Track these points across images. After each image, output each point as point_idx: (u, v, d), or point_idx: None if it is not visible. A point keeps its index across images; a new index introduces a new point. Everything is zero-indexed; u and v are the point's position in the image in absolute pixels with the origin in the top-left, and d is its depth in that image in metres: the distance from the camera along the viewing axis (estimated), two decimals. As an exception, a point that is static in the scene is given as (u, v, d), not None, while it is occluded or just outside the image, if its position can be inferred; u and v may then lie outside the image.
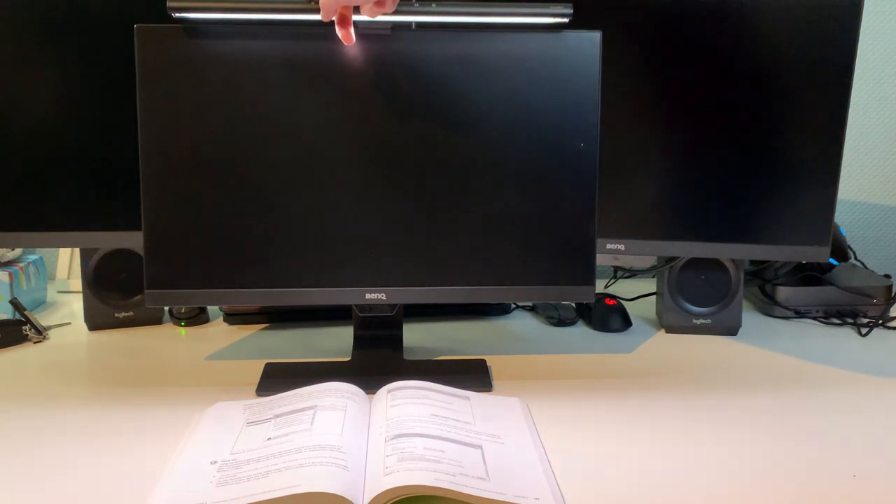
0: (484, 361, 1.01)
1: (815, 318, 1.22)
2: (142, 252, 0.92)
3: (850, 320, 1.19)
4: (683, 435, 0.82)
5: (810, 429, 0.84)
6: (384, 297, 0.94)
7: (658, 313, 1.19)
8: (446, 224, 0.93)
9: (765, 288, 1.25)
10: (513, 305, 1.27)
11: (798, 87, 1.03)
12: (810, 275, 1.26)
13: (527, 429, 0.81)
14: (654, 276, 1.36)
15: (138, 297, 1.16)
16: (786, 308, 1.22)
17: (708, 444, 0.80)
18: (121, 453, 0.77)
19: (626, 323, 1.17)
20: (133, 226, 1.00)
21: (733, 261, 1.13)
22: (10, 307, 1.15)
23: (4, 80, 1.02)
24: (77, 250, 1.31)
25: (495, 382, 0.96)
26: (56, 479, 0.73)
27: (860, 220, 1.56)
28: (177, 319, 1.18)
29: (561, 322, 1.19)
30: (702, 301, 1.14)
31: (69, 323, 1.19)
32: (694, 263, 1.13)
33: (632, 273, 1.40)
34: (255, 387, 0.94)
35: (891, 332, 1.17)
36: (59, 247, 1.33)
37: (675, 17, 1.03)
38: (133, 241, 1.06)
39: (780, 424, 0.85)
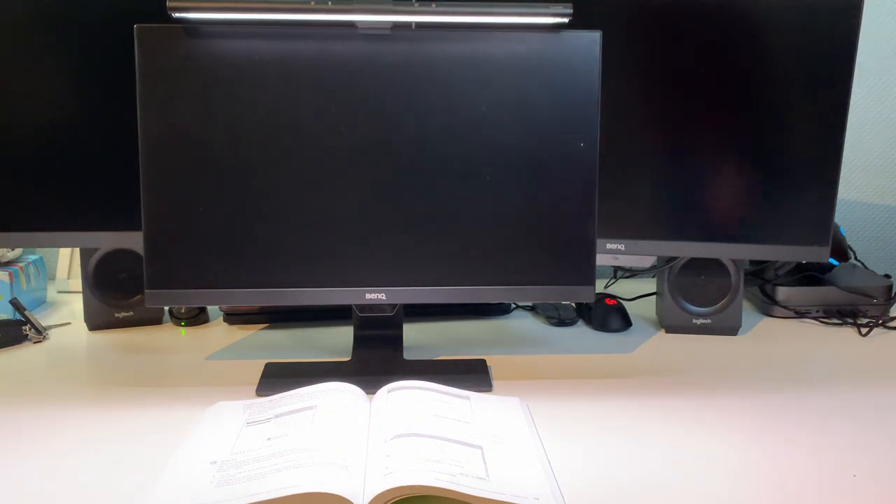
0: (484, 361, 1.01)
1: (815, 318, 1.22)
2: (142, 252, 0.92)
3: (850, 320, 1.19)
4: (683, 434, 0.82)
5: (810, 429, 0.84)
6: (384, 297, 0.94)
7: (658, 313, 1.19)
8: (446, 224, 0.93)
9: (765, 288, 1.25)
10: (513, 305, 1.27)
11: (798, 86, 1.03)
12: (810, 275, 1.26)
13: (527, 429, 0.81)
14: (654, 276, 1.36)
15: (138, 297, 1.16)
16: (786, 308, 1.22)
17: (708, 443, 0.80)
18: (121, 453, 0.77)
19: (626, 323, 1.17)
20: (133, 226, 1.00)
21: (733, 261, 1.13)
22: (10, 307, 1.15)
23: (4, 81, 1.02)
24: (77, 250, 1.31)
25: (495, 382, 0.96)
26: (56, 479, 0.73)
27: (860, 220, 1.56)
28: (177, 319, 1.18)
29: (561, 322, 1.19)
30: (702, 301, 1.14)
31: (69, 323, 1.19)
32: (694, 263, 1.13)
33: (632, 273, 1.40)
34: (255, 387, 0.94)
35: (891, 332, 1.16)
36: (59, 247, 1.33)
37: (675, 17, 1.04)
38: (133, 241, 1.06)
39: (779, 424, 0.85)
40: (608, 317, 1.17)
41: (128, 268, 1.15)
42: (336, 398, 0.84)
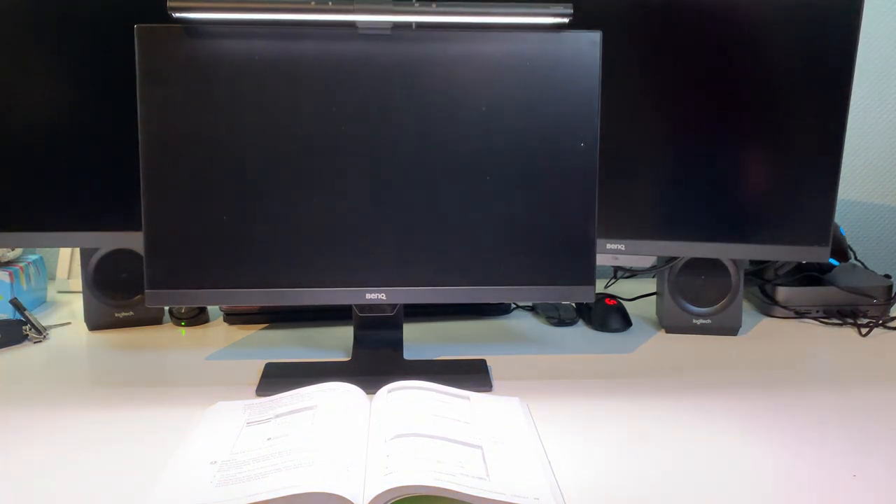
0: (484, 361, 1.01)
1: (815, 318, 1.22)
2: (142, 252, 0.92)
3: (850, 320, 1.19)
4: (683, 434, 0.82)
5: (810, 429, 0.84)
6: (384, 297, 0.94)
7: (658, 313, 1.19)
8: (446, 224, 0.93)
9: (765, 288, 1.25)
10: (513, 305, 1.27)
11: (798, 86, 1.03)
12: (810, 275, 1.26)
13: (527, 429, 0.81)
14: (654, 276, 1.36)
15: (138, 297, 1.16)
16: (786, 308, 1.22)
17: (707, 443, 0.80)
18: (121, 453, 0.77)
19: (626, 323, 1.17)
20: (133, 226, 1.00)
21: (733, 261, 1.13)
22: (10, 307, 1.15)
23: (4, 81, 1.02)
24: (77, 250, 1.31)
25: (495, 382, 0.96)
26: (56, 479, 0.73)
27: (860, 220, 1.56)
28: (177, 319, 1.18)
29: (561, 322, 1.19)
30: (702, 301, 1.14)
31: (69, 323, 1.19)
32: (694, 263, 1.13)
33: (632, 273, 1.40)
34: (255, 387, 0.94)
35: (891, 332, 1.16)
36: (59, 247, 1.33)
37: (675, 16, 1.03)
38: (133, 241, 1.06)
39: (779, 424, 0.85)
40: (608, 317, 1.17)
41: (128, 268, 1.15)
42: (336, 398, 0.84)
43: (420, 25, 0.92)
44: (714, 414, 0.87)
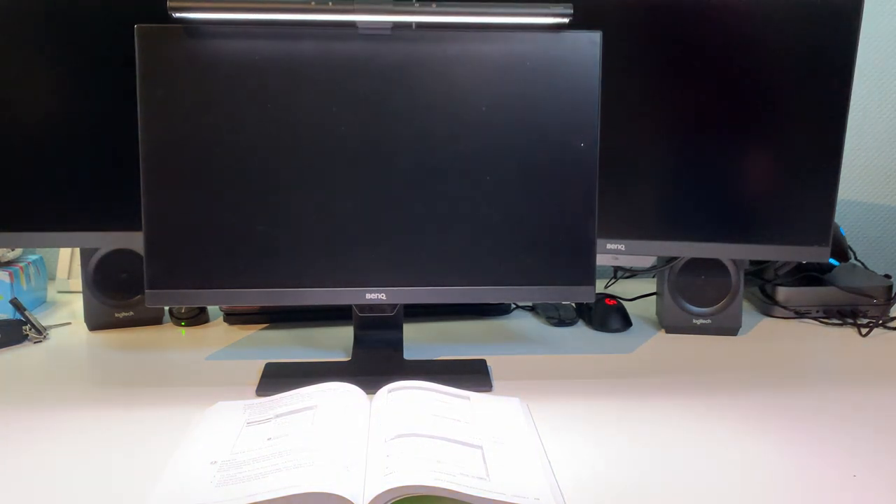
0: (484, 361, 1.01)
1: (815, 318, 1.22)
2: (142, 252, 0.92)
3: (850, 320, 1.19)
4: (683, 435, 0.82)
5: (810, 429, 0.84)
6: (384, 297, 0.94)
7: (658, 313, 1.19)
8: (446, 224, 0.93)
9: (765, 288, 1.25)
10: (513, 305, 1.27)
11: (798, 86, 1.03)
12: (810, 275, 1.26)
13: (527, 429, 0.81)
14: (654, 276, 1.36)
15: (138, 297, 1.16)
16: (786, 308, 1.22)
17: (708, 444, 0.80)
18: (121, 453, 0.77)
19: (626, 323, 1.17)
20: (133, 226, 1.00)
21: (733, 261, 1.13)
22: (10, 307, 1.15)
23: (4, 80, 1.02)
24: (77, 250, 1.31)
25: (495, 382, 0.96)
26: (56, 479, 0.73)
27: (860, 220, 1.56)
28: (177, 319, 1.18)
29: (561, 322, 1.19)
30: (702, 301, 1.14)
31: (69, 323, 1.18)
32: (694, 263, 1.13)
33: (632, 273, 1.40)
34: (255, 387, 0.94)
35: (891, 332, 1.16)
36: (59, 247, 1.33)
37: (675, 17, 1.04)
38: (133, 241, 1.06)
39: (779, 424, 0.85)
40: (608, 317, 1.17)
41: (128, 268, 1.15)
42: (336, 398, 0.84)
43: (420, 25, 0.92)
44: (714, 414, 0.87)
